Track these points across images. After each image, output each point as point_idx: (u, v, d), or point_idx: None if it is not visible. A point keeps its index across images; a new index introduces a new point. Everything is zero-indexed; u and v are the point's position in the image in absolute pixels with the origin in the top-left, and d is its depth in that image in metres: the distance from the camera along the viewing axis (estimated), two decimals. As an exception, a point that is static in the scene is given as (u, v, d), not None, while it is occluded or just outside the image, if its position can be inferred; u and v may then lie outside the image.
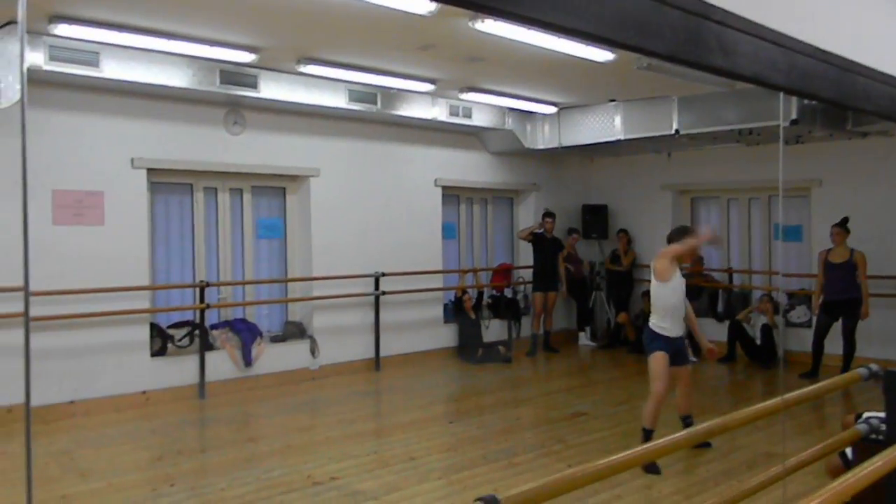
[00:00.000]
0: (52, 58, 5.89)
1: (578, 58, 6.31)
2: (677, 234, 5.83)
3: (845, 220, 8.21)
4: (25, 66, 5.50)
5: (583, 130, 9.14)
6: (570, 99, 8.79)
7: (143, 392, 7.01)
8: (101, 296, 6.68)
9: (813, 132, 8.19)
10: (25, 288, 1.47)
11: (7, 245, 6.04)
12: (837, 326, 8.28)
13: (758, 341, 9.25)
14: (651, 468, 5.03)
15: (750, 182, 9.84)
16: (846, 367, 7.95)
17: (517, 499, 1.77)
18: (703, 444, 5.44)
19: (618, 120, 8.80)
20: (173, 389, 7.17)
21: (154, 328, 7.29)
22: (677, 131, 8.33)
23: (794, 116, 7.34)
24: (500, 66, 6.91)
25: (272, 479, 4.99)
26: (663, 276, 5.79)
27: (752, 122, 7.82)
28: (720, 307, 10.35)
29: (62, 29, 5.49)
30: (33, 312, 6.13)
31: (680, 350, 5.72)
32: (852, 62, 2.74)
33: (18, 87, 5.73)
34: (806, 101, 7.28)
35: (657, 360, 5.51)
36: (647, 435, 5.42)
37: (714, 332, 9.98)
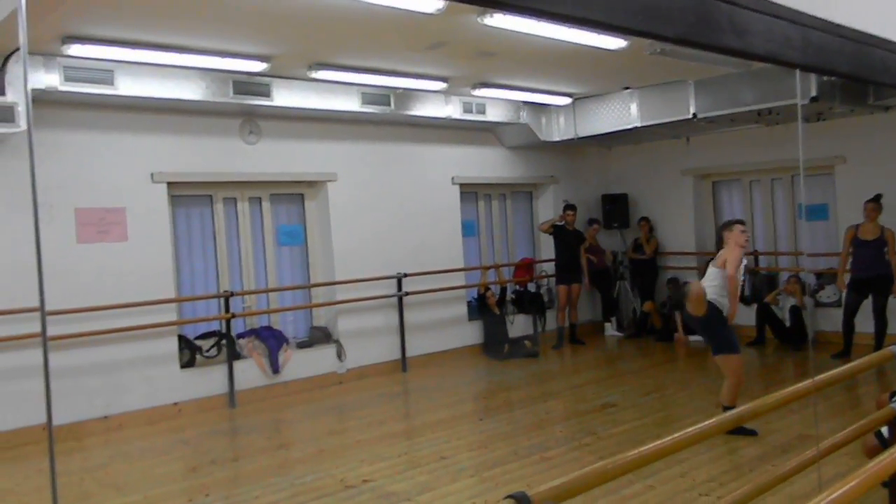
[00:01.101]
0: (68, 78, 5.96)
1: (590, 47, 6.26)
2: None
3: (878, 196, 8.08)
4: (29, 87, 5.57)
5: (599, 120, 9.07)
6: (585, 89, 8.72)
7: (175, 404, 7.08)
8: (128, 311, 6.75)
9: (834, 108, 8.06)
10: (41, 307, 1.48)
11: (33, 264, 6.14)
12: (867, 305, 8.15)
13: (787, 323, 9.13)
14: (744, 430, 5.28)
15: (772, 162, 9.70)
16: (878, 346, 7.83)
17: (548, 494, 1.76)
18: (748, 432, 5.47)
19: (633, 107, 8.72)
20: (204, 400, 7.23)
21: (182, 340, 7.35)
22: (695, 115, 8.23)
23: (813, 93, 7.21)
24: (511, 60, 6.88)
25: (305, 484, 5.01)
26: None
27: (770, 102, 7.70)
28: (747, 290, 10.23)
29: (76, 49, 5.55)
30: (63, 331, 6.23)
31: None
32: (869, 35, 2.68)
33: (37, 110, 5.81)
34: (825, 78, 7.16)
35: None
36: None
37: (742, 316, 9.88)
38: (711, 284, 5.77)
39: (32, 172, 1.41)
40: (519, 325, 9.94)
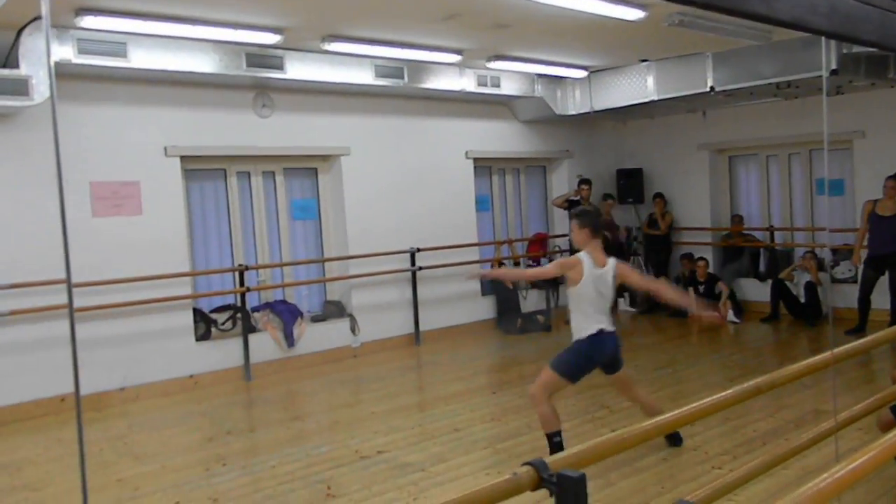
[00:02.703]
0: (81, 51, 5.95)
1: (607, 17, 6.17)
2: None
3: None
4: (53, 60, 5.57)
5: (614, 93, 8.98)
6: (601, 61, 8.62)
7: (191, 376, 7.15)
8: (144, 284, 6.80)
9: (854, 82, 7.94)
10: (68, 280, 1.49)
11: (49, 238, 6.20)
12: (883, 281, 8.08)
13: (802, 299, 9.08)
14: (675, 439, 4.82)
15: (790, 137, 9.60)
16: (893, 322, 7.78)
17: (564, 462, 1.76)
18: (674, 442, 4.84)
19: (650, 80, 8.62)
20: (219, 372, 7.30)
21: (197, 313, 7.41)
22: (712, 88, 8.13)
23: (833, 66, 7.11)
24: (526, 31, 6.80)
25: (320, 454, 5.06)
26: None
27: (790, 75, 7.59)
28: (762, 266, 10.18)
29: (89, 21, 5.53)
30: (80, 304, 6.28)
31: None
32: (895, 3, 2.62)
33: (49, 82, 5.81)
34: (845, 50, 7.05)
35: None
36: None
37: (757, 292, 9.86)
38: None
39: (57, 146, 1.41)
40: (532, 299, 9.94)
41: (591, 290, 4.51)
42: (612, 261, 4.63)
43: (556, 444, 4.63)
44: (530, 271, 5.35)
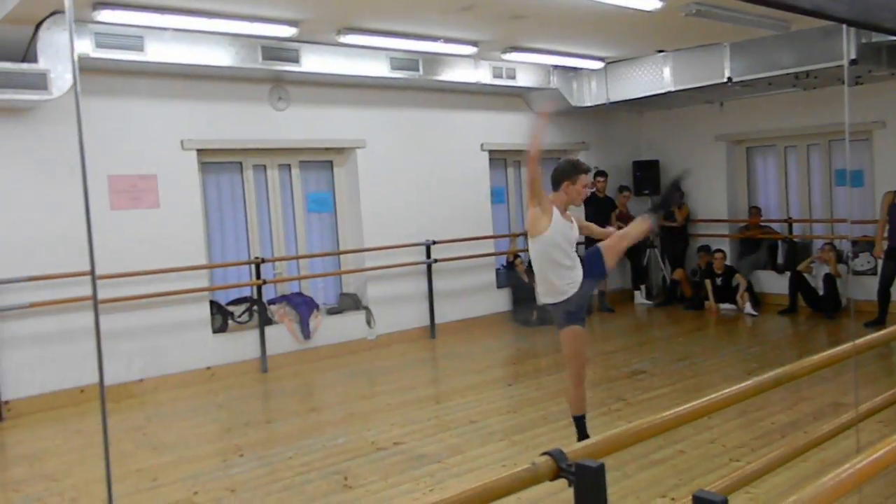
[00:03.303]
0: (99, 45, 5.99)
1: (624, 7, 6.12)
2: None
3: None
4: (76, 54, 5.59)
5: (631, 84, 8.92)
6: (617, 52, 8.56)
7: (208, 368, 7.19)
8: (161, 276, 6.85)
9: (873, 72, 7.84)
10: (92, 272, 1.50)
11: (68, 231, 6.26)
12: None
13: (820, 292, 9.00)
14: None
15: (808, 128, 9.50)
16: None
17: (583, 452, 1.76)
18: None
19: (667, 71, 8.55)
20: (236, 364, 7.34)
21: (214, 305, 7.45)
22: (730, 79, 8.05)
23: (853, 56, 7.02)
24: (543, 22, 6.77)
25: (337, 446, 5.08)
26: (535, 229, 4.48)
27: (808, 65, 7.50)
28: (780, 258, 10.10)
29: (106, 15, 5.56)
30: (98, 296, 6.32)
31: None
32: (917, -11, 2.58)
33: (68, 76, 5.86)
34: (864, 40, 6.96)
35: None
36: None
37: (775, 285, 9.78)
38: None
39: (80, 139, 1.42)
40: (548, 292, 9.90)
41: (561, 236, 4.50)
42: (572, 216, 4.62)
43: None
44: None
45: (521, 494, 3.79)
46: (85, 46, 5.91)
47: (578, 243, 4.81)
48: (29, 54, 5.85)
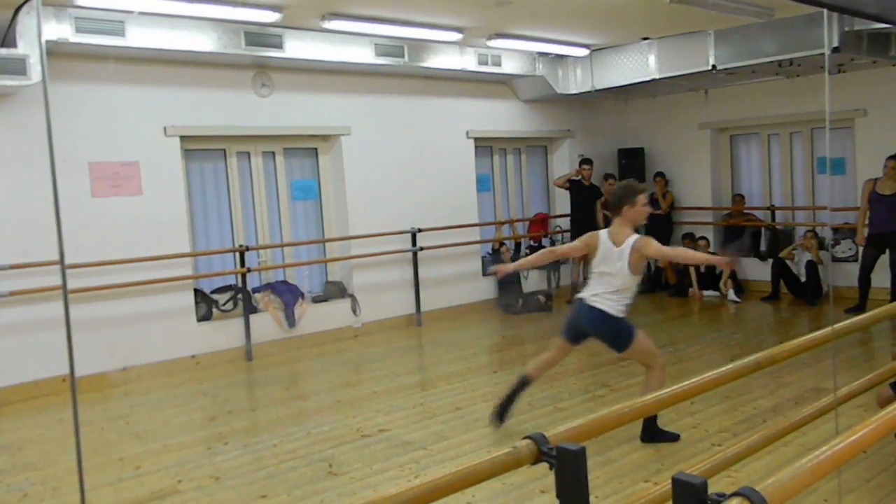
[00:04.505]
0: (79, 29, 5.91)
1: (608, -5, 6.12)
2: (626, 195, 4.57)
3: None
4: (43, 39, 5.52)
5: (616, 72, 8.92)
6: (603, 39, 8.56)
7: (192, 356, 7.17)
8: (144, 265, 6.80)
9: (855, 60, 7.89)
10: (61, 261, 1.49)
11: (49, 218, 6.18)
12: (884, 260, 8.08)
13: (802, 279, 9.08)
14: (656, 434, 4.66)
15: (791, 116, 9.56)
16: (894, 299, 7.78)
17: (564, 435, 1.77)
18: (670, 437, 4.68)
19: (652, 59, 8.56)
20: (221, 353, 7.31)
21: (198, 294, 7.41)
22: (714, 67, 8.07)
23: (835, 44, 7.05)
24: (528, 8, 6.74)
25: (322, 433, 5.09)
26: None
27: (791, 53, 7.53)
28: (763, 246, 10.17)
29: (86, -1, 5.49)
30: (80, 284, 6.29)
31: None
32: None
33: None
34: (846, 28, 6.99)
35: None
36: None
37: (757, 272, 9.85)
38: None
39: (49, 126, 1.40)
40: (533, 280, 9.94)
41: (599, 264, 4.58)
42: (630, 239, 4.49)
43: (517, 387, 4.87)
44: (560, 249, 5.41)
45: (506, 479, 3.83)
46: (65, 31, 5.84)
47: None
48: (7, 40, 5.77)
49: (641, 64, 8.67)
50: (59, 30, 5.81)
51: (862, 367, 5.78)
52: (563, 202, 10.33)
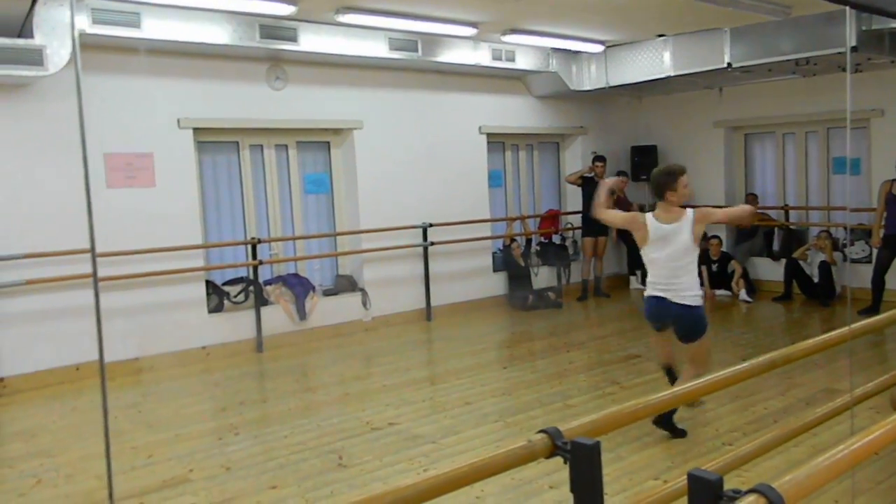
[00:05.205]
0: (96, 21, 5.94)
1: (624, -9, 6.09)
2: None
3: None
4: (76, 32, 5.55)
5: (631, 68, 8.88)
6: (618, 36, 8.52)
7: (203, 347, 7.20)
8: (157, 256, 6.83)
9: (873, 59, 7.82)
10: (92, 249, 1.50)
11: (64, 208, 6.23)
12: (898, 261, 8.04)
13: (815, 279, 9.03)
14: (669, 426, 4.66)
15: (807, 115, 9.49)
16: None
17: (578, 430, 1.77)
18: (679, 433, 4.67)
19: (667, 56, 8.51)
20: (232, 344, 7.35)
21: (209, 285, 7.45)
22: (730, 64, 8.02)
23: (853, 43, 7.00)
24: (543, 4, 6.72)
25: (332, 425, 5.10)
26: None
27: (809, 51, 7.48)
28: (776, 245, 10.12)
29: (103, -10, 5.51)
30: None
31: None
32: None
33: (64, 52, 5.81)
34: (864, 27, 6.94)
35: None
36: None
37: (770, 271, 9.81)
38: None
39: (81, 117, 1.42)
40: (543, 276, 9.93)
41: (654, 248, 4.58)
42: (688, 212, 4.54)
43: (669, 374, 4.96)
44: (610, 214, 5.09)
45: (515, 474, 3.83)
46: (81, 22, 5.86)
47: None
48: (25, 30, 5.80)
49: (656, 61, 8.63)
50: (76, 21, 5.84)
51: (875, 368, 5.74)
52: (574, 199, 10.30)
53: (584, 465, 1.65)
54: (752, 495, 1.38)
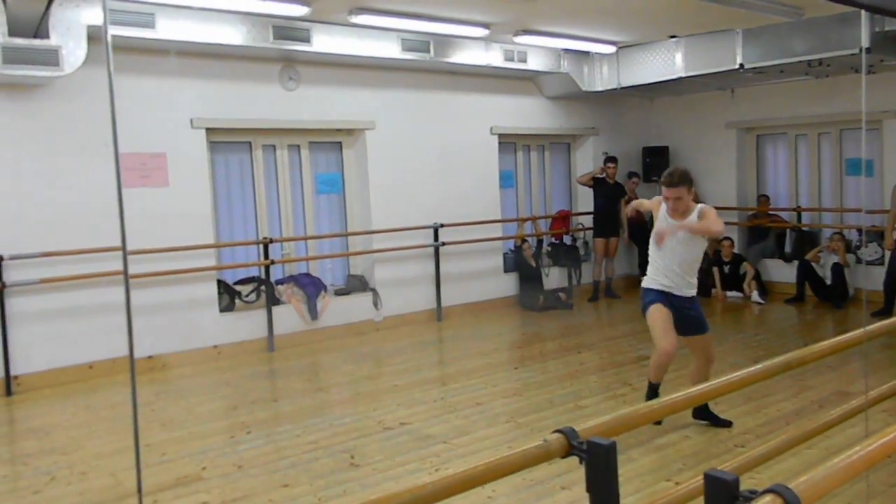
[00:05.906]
0: (111, 21, 5.97)
1: (637, -8, 6.09)
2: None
3: None
4: (109, 36, 5.60)
5: (642, 69, 8.87)
6: (630, 37, 8.51)
7: (215, 346, 7.24)
8: (169, 255, 6.87)
9: (886, 61, 7.77)
10: (123, 247, 1.52)
11: (79, 207, 6.28)
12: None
13: (828, 281, 8.99)
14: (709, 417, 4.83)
15: (819, 116, 9.45)
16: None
17: (594, 430, 1.77)
18: (723, 423, 4.83)
19: (679, 57, 8.49)
20: (243, 343, 7.38)
21: (221, 285, 7.48)
22: (742, 66, 8.00)
23: (866, 44, 6.96)
24: (555, 5, 6.72)
25: (344, 424, 5.12)
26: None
27: (821, 53, 7.45)
28: (788, 247, 10.08)
29: (118, -9, 5.55)
30: (108, 271, 6.37)
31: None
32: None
33: (80, 52, 5.85)
34: (877, 29, 6.90)
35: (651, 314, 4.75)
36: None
37: (782, 273, 9.77)
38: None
39: (113, 118, 1.44)
40: (554, 277, 9.93)
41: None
42: (696, 207, 4.74)
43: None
44: (645, 203, 5.30)
45: (526, 475, 3.83)
46: (96, 22, 5.90)
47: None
48: (41, 30, 5.84)
49: (668, 62, 8.61)
50: (90, 20, 5.87)
51: (888, 371, 5.73)
52: (585, 200, 10.30)
53: (601, 465, 1.66)
54: (769, 495, 1.38)
